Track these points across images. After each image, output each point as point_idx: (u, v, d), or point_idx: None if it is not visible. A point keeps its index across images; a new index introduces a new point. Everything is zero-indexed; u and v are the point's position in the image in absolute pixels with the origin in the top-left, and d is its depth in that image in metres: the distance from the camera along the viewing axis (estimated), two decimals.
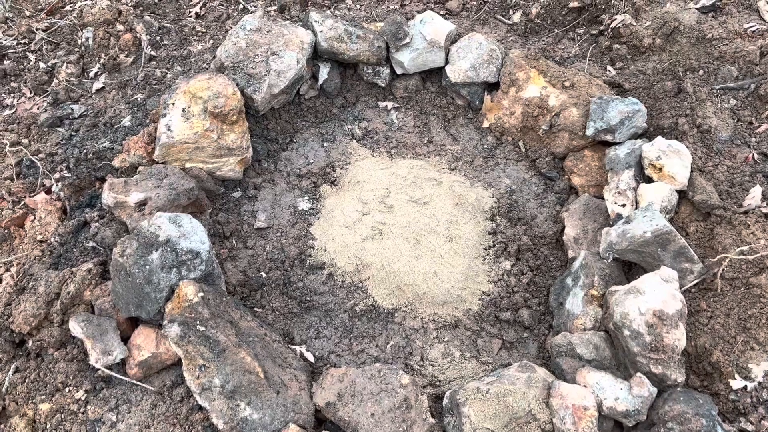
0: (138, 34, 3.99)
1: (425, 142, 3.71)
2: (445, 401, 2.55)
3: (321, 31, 3.62)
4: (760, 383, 2.37)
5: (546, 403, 2.37)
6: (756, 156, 3.03)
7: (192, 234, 2.70)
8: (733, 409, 2.40)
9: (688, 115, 3.20)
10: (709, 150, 3.09)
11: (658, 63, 3.57)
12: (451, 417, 2.46)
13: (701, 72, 3.40)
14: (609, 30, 3.81)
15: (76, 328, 2.57)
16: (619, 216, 2.97)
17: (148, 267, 2.57)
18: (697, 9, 3.70)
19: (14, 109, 3.73)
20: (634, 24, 3.73)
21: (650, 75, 3.53)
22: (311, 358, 2.81)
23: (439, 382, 2.80)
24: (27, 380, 2.61)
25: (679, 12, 3.70)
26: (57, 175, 3.28)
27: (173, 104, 3.18)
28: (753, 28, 3.48)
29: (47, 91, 3.82)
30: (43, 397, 2.57)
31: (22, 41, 4.07)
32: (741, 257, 2.61)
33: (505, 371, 2.53)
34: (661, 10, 3.76)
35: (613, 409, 2.33)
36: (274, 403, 2.41)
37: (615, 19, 3.78)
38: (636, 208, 2.95)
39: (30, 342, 2.66)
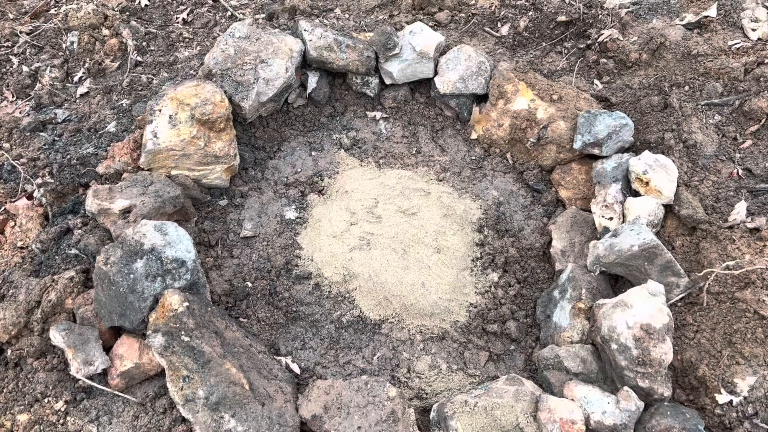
0: (124, 39, 3.95)
1: (413, 152, 3.70)
2: (432, 414, 2.53)
3: (310, 40, 3.61)
4: (745, 398, 2.38)
5: (534, 416, 2.36)
6: (740, 171, 3.07)
7: (177, 242, 2.66)
8: (719, 424, 2.40)
9: (674, 130, 3.23)
10: (695, 165, 3.12)
11: (644, 78, 3.61)
12: (439, 430, 2.44)
13: (687, 87, 3.44)
14: (596, 44, 3.84)
15: (56, 337, 2.51)
16: (606, 229, 2.99)
17: (132, 276, 2.53)
18: (682, 25, 3.75)
19: None
20: (621, 39, 3.76)
21: (637, 90, 3.57)
22: (297, 370, 2.78)
23: (426, 394, 2.78)
24: (5, 390, 2.55)
25: (665, 28, 3.74)
26: (39, 181, 3.22)
27: (160, 111, 3.14)
28: (737, 45, 3.53)
29: (30, 95, 3.76)
30: (22, 407, 2.51)
31: (5, 44, 4.00)
32: (726, 272, 2.62)
33: (492, 384, 2.52)
34: (647, 26, 3.81)
35: (600, 423, 2.33)
36: (259, 415, 2.37)
37: (602, 34, 3.82)
38: (623, 221, 2.97)
39: (9, 351, 2.60)
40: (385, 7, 4.22)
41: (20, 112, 3.65)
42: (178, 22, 4.22)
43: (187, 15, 4.25)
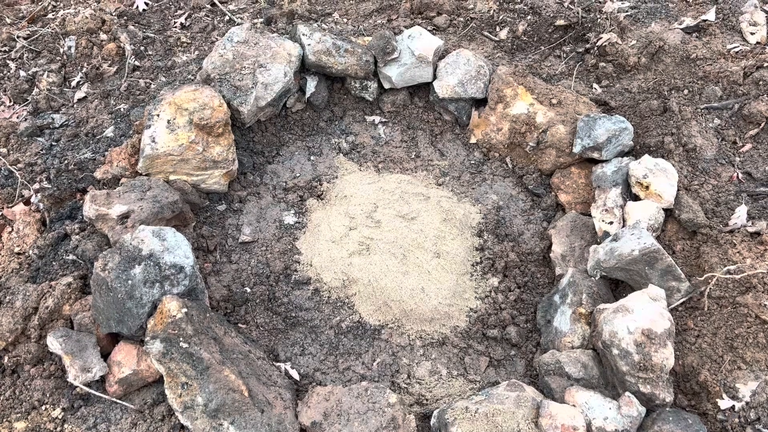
0: (122, 44, 3.94)
1: (413, 157, 3.69)
2: (432, 421, 2.51)
3: (309, 44, 3.60)
4: (747, 403, 2.37)
5: (535, 423, 2.34)
6: (740, 175, 3.06)
7: (176, 248, 2.65)
8: (721, 429, 2.39)
9: (674, 134, 3.23)
10: (695, 169, 3.11)
11: (643, 82, 3.60)
12: None
13: (686, 91, 3.44)
14: (595, 48, 3.84)
15: (54, 343, 2.49)
16: (606, 234, 2.97)
17: (130, 282, 2.51)
18: (681, 29, 3.75)
19: None
20: (620, 43, 3.76)
21: (636, 93, 3.56)
22: (296, 376, 2.76)
23: (426, 400, 2.76)
24: (2, 398, 2.53)
25: (664, 32, 3.74)
26: (36, 186, 3.20)
27: (158, 115, 3.13)
28: (736, 49, 3.53)
29: (27, 99, 3.74)
30: (19, 415, 2.49)
31: (2, 49, 3.99)
32: (728, 276, 2.62)
33: (493, 390, 2.50)
34: (646, 30, 3.81)
35: (602, 429, 2.31)
36: (258, 422, 2.35)
37: (601, 38, 3.81)
38: (623, 225, 2.96)
39: (6, 358, 2.58)
40: (383, 11, 4.22)
41: (17, 117, 3.64)
42: (176, 27, 4.21)
43: (185, 19, 4.24)
